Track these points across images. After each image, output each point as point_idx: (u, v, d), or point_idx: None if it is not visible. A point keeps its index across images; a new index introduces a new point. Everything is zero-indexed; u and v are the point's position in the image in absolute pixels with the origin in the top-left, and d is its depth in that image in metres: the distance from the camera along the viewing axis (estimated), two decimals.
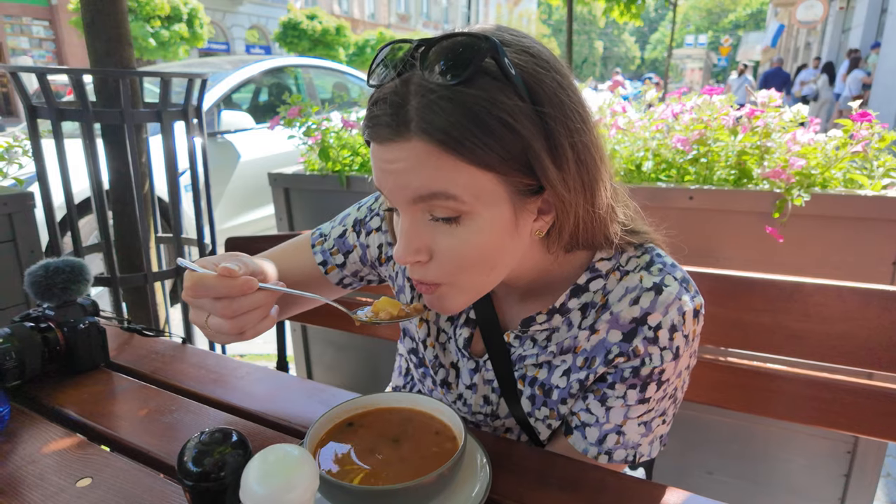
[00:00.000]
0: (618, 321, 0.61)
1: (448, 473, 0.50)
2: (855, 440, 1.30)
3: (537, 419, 0.69)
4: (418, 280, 0.56)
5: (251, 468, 0.38)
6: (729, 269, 0.91)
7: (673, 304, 0.59)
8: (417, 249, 0.54)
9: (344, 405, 0.60)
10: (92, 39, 1.68)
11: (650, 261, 0.63)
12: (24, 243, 1.43)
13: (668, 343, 0.59)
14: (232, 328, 0.55)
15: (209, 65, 4.26)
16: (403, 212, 0.54)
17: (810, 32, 19.09)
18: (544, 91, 0.51)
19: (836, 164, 1.25)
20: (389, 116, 0.49)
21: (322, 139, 1.79)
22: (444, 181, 0.49)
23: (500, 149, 0.48)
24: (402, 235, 0.54)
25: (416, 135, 0.48)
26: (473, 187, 0.50)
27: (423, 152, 0.48)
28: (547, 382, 0.67)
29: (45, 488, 0.58)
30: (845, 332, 0.83)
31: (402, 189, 0.52)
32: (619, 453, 0.64)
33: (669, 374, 0.61)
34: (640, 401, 0.62)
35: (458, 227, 0.53)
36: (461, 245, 0.53)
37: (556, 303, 0.65)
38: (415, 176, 0.50)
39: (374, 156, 0.53)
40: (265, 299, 0.57)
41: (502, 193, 0.52)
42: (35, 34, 17.00)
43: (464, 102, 0.47)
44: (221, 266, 0.54)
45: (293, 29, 18.64)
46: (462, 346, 0.73)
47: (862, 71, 10.45)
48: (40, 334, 0.78)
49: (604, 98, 1.56)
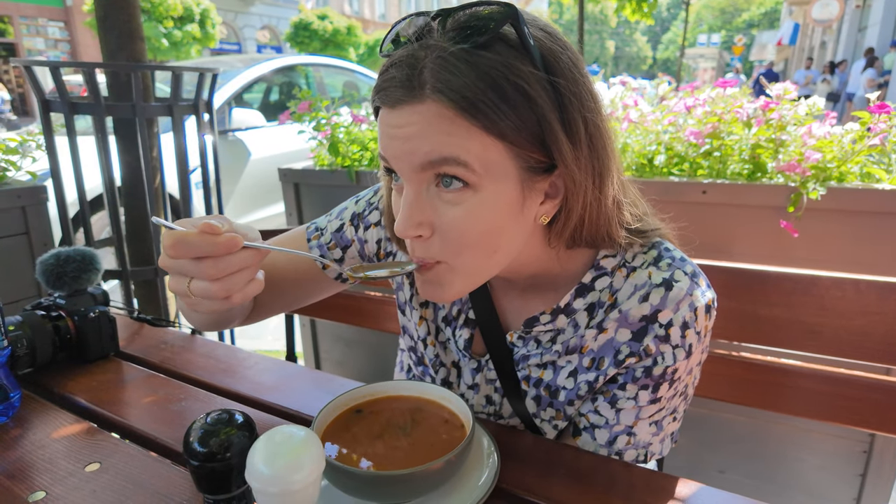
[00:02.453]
0: (627, 319, 0.59)
1: (455, 460, 0.49)
2: (871, 439, 1.27)
3: (543, 420, 0.67)
4: (418, 257, 0.54)
5: (257, 449, 0.37)
6: (743, 263, 0.89)
7: (684, 300, 0.57)
8: (419, 223, 0.51)
9: (352, 392, 0.60)
10: (104, 34, 1.70)
11: (658, 256, 0.61)
12: (37, 236, 1.45)
13: (680, 341, 0.57)
14: (218, 290, 0.49)
15: (221, 63, 4.30)
16: (408, 181, 0.51)
17: (825, 31, 18.83)
18: (560, 66, 0.49)
19: (853, 158, 1.23)
20: (404, 78, 0.48)
21: (332, 134, 1.79)
22: (455, 146, 0.48)
23: (514, 117, 0.47)
24: (404, 207, 0.52)
25: (430, 96, 0.47)
26: (484, 157, 0.48)
27: (437, 115, 0.47)
28: (553, 384, 0.65)
29: (54, 472, 0.58)
30: (863, 327, 0.82)
31: (410, 154, 0.49)
32: (629, 454, 0.63)
33: (682, 372, 0.59)
34: (651, 401, 0.60)
35: (463, 201, 0.50)
36: (465, 220, 0.51)
37: (561, 302, 0.62)
38: (426, 140, 0.48)
39: (382, 122, 0.52)
40: (252, 259, 0.51)
41: (511, 169, 0.50)
42: (51, 35, 17.24)
43: (480, 66, 0.46)
44: (203, 223, 0.49)
45: (304, 29, 18.75)
46: (462, 347, 0.71)
47: (874, 71, 10.30)
48: (51, 323, 0.79)
49: (616, 91, 1.54)
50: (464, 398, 0.71)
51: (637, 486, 0.56)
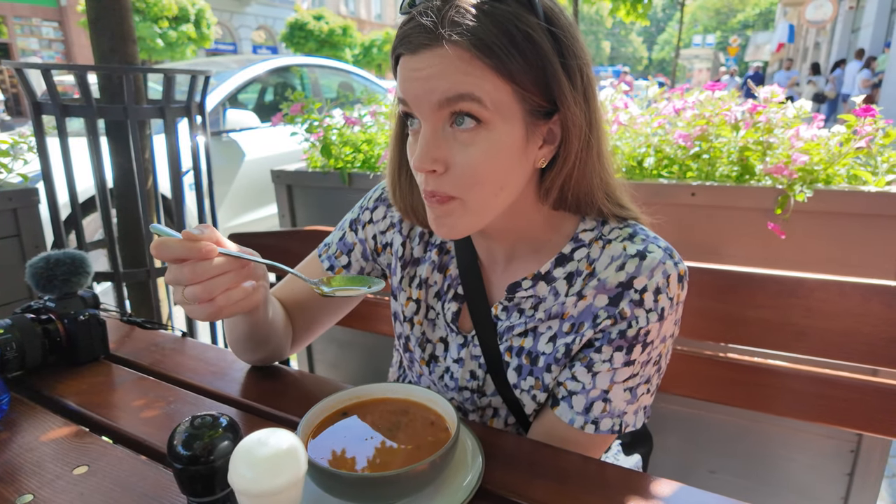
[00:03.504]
0: (605, 286, 0.64)
1: (440, 462, 0.50)
2: (859, 439, 1.28)
3: (523, 390, 0.70)
4: (432, 191, 0.59)
5: (239, 452, 0.38)
6: (731, 265, 0.90)
7: (657, 267, 0.62)
8: (435, 158, 0.57)
9: (338, 395, 0.60)
10: (96, 36, 1.70)
11: (633, 233, 0.67)
12: (28, 238, 1.45)
13: (653, 305, 0.62)
14: (202, 292, 0.56)
15: (215, 64, 4.29)
16: (426, 120, 0.57)
17: (819, 32, 18.94)
18: (560, 24, 0.57)
19: (840, 160, 1.24)
20: (428, 25, 0.54)
21: (324, 136, 1.79)
22: (471, 84, 0.54)
23: (521, 60, 0.54)
24: (422, 144, 0.57)
25: (449, 41, 0.53)
26: (495, 97, 0.55)
27: (456, 57, 0.53)
28: (533, 350, 0.69)
29: (42, 475, 0.58)
30: (849, 329, 0.83)
31: (430, 93, 0.55)
32: (605, 422, 0.66)
33: (654, 336, 0.64)
34: (625, 363, 0.64)
35: (475, 139, 0.56)
36: (477, 157, 0.57)
37: (542, 269, 0.68)
38: (445, 79, 0.54)
39: (404, 67, 0.57)
40: (231, 265, 0.58)
41: (517, 112, 0.57)
42: (45, 35, 17.17)
43: (494, 14, 0.53)
44: (185, 231, 0.57)
45: (300, 29, 18.72)
46: (450, 319, 0.75)
47: (868, 72, 10.37)
48: (41, 326, 0.79)
49: (606, 94, 1.55)
50: (449, 371, 0.77)
51: (620, 487, 0.57)
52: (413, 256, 0.80)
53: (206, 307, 0.58)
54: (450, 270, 0.77)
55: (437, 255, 0.78)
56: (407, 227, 0.80)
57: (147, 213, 1.72)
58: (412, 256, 0.80)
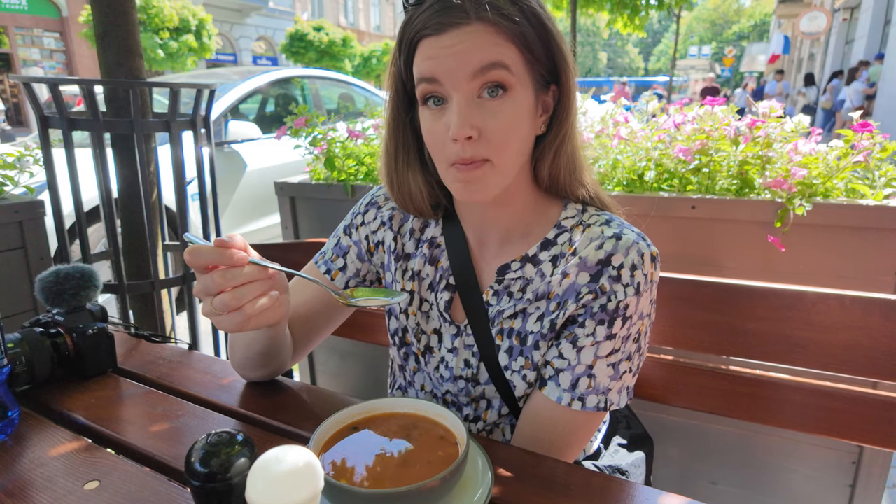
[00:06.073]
0: (586, 264, 0.70)
1: (451, 477, 0.51)
2: (860, 450, 1.29)
3: (514, 371, 0.74)
4: (470, 157, 0.64)
5: (257, 469, 0.38)
6: (731, 277, 0.91)
7: (632, 247, 0.69)
8: (472, 125, 0.62)
9: (349, 409, 0.61)
10: (103, 51, 1.71)
11: (609, 219, 0.74)
12: (33, 250, 1.45)
13: (629, 280, 0.68)
14: (231, 300, 0.58)
15: (217, 76, 4.31)
16: (459, 92, 0.62)
17: (814, 44, 19.12)
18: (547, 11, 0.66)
19: (838, 174, 1.26)
20: (452, 7, 0.60)
21: (328, 149, 1.81)
22: (500, 54, 0.61)
23: (533, 32, 0.63)
24: (457, 114, 0.62)
25: (476, 18, 0.60)
26: (517, 65, 0.63)
27: (484, 31, 0.61)
28: (522, 330, 0.73)
29: (53, 491, 0.58)
30: (848, 342, 0.84)
31: (466, 65, 0.61)
32: (591, 399, 0.70)
33: (632, 311, 0.69)
34: (607, 336, 0.69)
35: (502, 106, 0.63)
36: (506, 120, 0.63)
37: (529, 252, 0.75)
38: (477, 51, 0.61)
39: (430, 48, 0.62)
40: (259, 274, 0.61)
41: (529, 81, 0.65)
42: (46, 45, 17.24)
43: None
44: (217, 238, 0.59)
45: (300, 40, 18.83)
46: (443, 309, 0.79)
47: (861, 82, 10.45)
48: (50, 339, 0.79)
49: (606, 108, 1.57)
50: (444, 361, 0.80)
51: (626, 501, 0.57)
52: (405, 251, 0.84)
53: (235, 316, 0.59)
54: (441, 262, 0.80)
55: (429, 248, 0.82)
56: (397, 224, 0.84)
57: (152, 225, 1.72)
58: (404, 251, 0.84)
